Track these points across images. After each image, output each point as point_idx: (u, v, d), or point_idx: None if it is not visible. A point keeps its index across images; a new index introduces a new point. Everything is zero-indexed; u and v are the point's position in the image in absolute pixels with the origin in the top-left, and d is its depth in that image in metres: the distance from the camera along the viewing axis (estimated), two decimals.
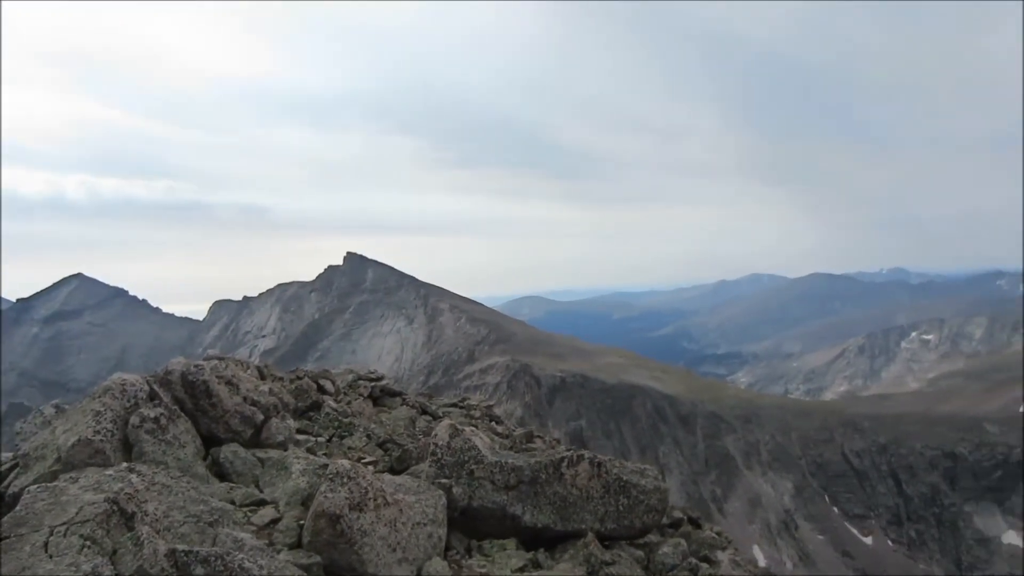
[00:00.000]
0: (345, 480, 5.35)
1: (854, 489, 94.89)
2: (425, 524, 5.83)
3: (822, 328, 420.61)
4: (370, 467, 7.81)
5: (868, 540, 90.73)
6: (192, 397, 7.14)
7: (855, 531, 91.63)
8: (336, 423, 9.84)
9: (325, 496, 5.25)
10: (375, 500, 5.42)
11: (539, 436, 12.58)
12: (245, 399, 7.59)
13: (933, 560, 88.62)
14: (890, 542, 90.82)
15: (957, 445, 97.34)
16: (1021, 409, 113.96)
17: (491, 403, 15.14)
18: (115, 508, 4.88)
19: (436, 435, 7.12)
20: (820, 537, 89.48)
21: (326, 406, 10.30)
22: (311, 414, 10.03)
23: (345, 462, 5.63)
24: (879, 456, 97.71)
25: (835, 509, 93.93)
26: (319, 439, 8.96)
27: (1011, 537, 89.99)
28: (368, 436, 9.61)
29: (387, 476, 6.66)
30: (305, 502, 6.16)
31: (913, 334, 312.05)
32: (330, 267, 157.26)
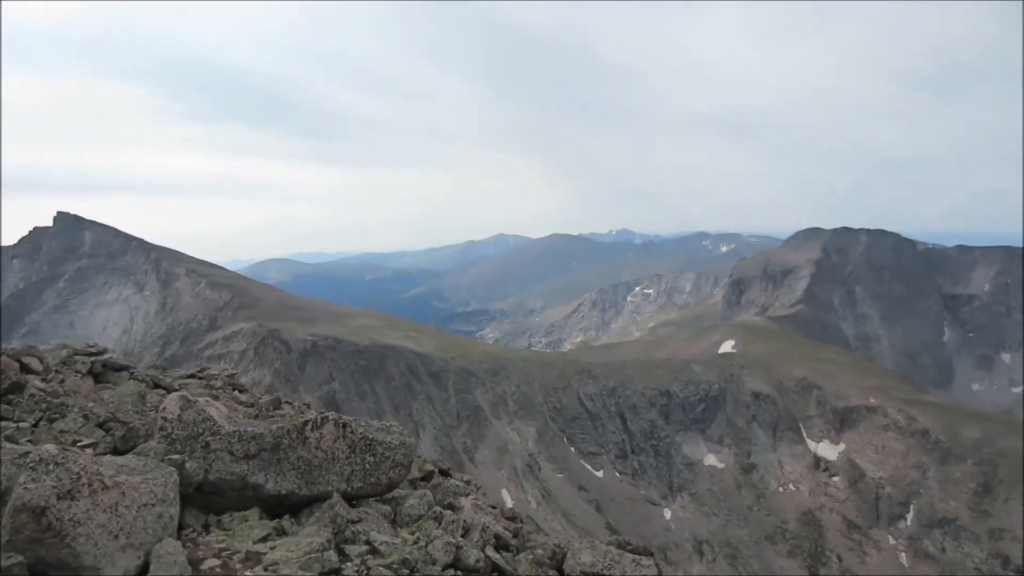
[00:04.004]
0: (51, 467, 4.74)
1: (588, 430, 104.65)
2: (153, 505, 5.37)
3: (560, 285, 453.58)
4: (88, 450, 7.03)
5: (599, 474, 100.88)
6: None
7: (589, 467, 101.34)
8: (44, 405, 8.65)
9: (26, 488, 4.62)
10: (90, 485, 4.88)
11: (288, 402, 12.20)
12: None
13: (651, 485, 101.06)
14: (617, 473, 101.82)
15: (670, 384, 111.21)
16: (719, 351, 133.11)
17: (235, 372, 14.32)
18: None
19: (165, 409, 6.57)
20: (560, 476, 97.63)
21: (31, 387, 9.00)
22: (11, 397, 8.72)
23: (51, 447, 4.99)
24: (609, 398, 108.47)
25: (572, 449, 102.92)
26: (21, 425, 7.82)
27: (711, 459, 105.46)
28: (86, 417, 8.60)
29: (108, 458, 6.01)
30: (2, 497, 5.37)
31: (637, 289, 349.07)
32: (36, 230, 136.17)
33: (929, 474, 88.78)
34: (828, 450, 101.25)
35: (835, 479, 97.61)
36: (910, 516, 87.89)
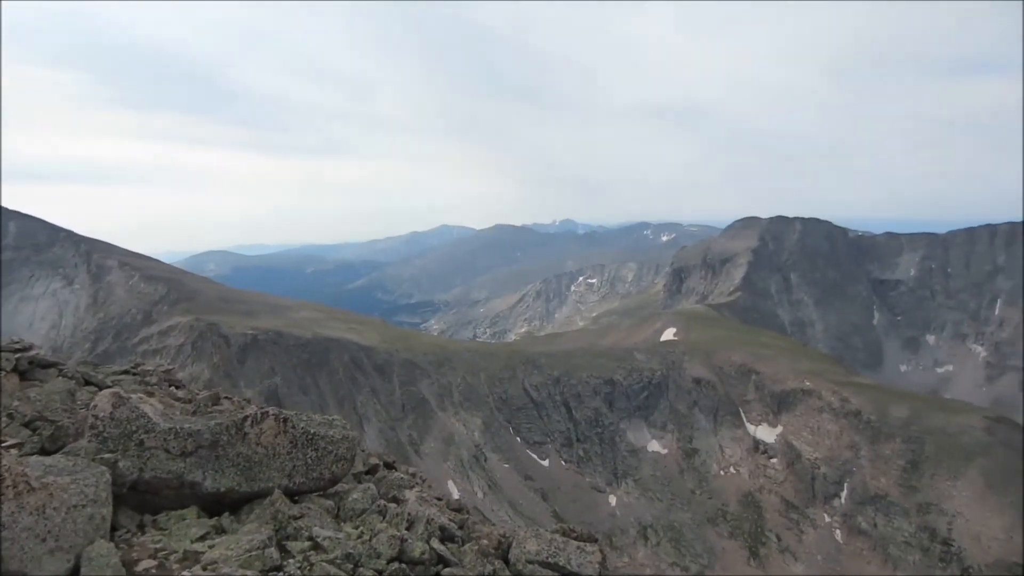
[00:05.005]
0: None
1: (533, 419, 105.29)
2: (84, 506, 5.17)
3: (505, 276, 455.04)
4: (12, 451, 6.74)
5: (545, 463, 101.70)
6: None
7: (535, 456, 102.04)
8: None
9: None
10: (15, 487, 4.68)
11: (227, 397, 11.94)
12: None
13: (596, 472, 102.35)
14: (563, 462, 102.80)
15: (614, 373, 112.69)
16: (661, 339, 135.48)
17: (171, 367, 13.92)
18: None
19: (96, 406, 6.33)
20: (506, 465, 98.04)
21: None
22: None
23: None
24: (554, 388, 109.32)
25: (518, 439, 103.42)
26: None
27: (654, 445, 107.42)
28: (10, 416, 8.24)
29: (34, 459, 5.76)
30: None
31: (580, 279, 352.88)
32: None
33: (861, 453, 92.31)
34: (766, 433, 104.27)
35: (773, 461, 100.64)
36: (844, 494, 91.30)
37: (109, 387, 10.28)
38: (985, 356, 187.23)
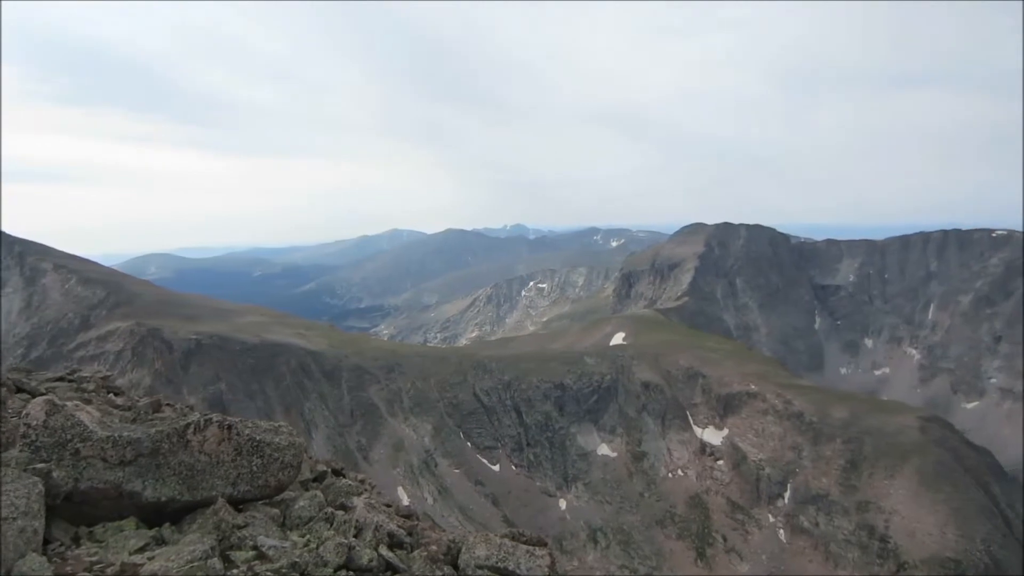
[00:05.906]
0: None
1: (484, 424, 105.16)
2: (14, 518, 4.96)
3: (456, 280, 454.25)
4: None
5: (496, 468, 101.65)
6: None
7: (485, 461, 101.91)
8: None
9: None
10: None
11: (169, 404, 11.59)
12: None
13: (547, 477, 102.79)
14: (514, 467, 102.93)
15: (564, 377, 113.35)
16: (611, 343, 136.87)
17: (109, 374, 13.46)
18: None
19: (28, 414, 6.08)
20: (456, 471, 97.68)
21: None
22: None
23: None
24: (504, 392, 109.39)
25: (469, 444, 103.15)
26: None
27: (604, 449, 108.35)
28: None
29: None
30: None
31: (531, 283, 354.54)
32: None
33: (803, 454, 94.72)
34: (713, 435, 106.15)
35: (720, 463, 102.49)
36: (787, 494, 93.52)
37: (43, 394, 9.89)
38: (919, 359, 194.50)
